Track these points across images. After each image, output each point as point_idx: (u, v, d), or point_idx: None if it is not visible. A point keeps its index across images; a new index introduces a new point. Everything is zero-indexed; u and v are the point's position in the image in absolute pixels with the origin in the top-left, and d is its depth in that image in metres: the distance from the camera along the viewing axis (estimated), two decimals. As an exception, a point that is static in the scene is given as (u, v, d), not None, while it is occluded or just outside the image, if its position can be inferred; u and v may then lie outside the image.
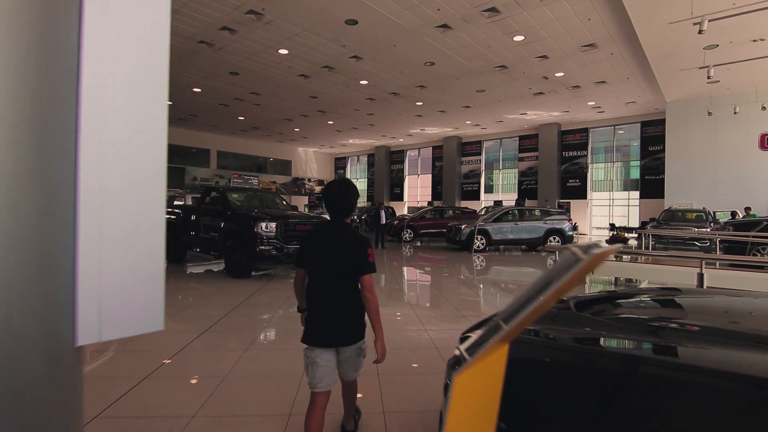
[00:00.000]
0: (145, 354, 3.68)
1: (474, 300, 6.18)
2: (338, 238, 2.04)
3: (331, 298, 2.02)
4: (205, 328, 4.47)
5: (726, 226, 8.47)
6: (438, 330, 4.55)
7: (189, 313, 4.99)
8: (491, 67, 14.22)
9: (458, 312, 5.35)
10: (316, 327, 2.03)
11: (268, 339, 4.21)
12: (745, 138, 15.93)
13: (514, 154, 25.95)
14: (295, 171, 33.12)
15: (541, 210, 13.05)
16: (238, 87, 17.02)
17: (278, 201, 8.37)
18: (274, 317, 5.07)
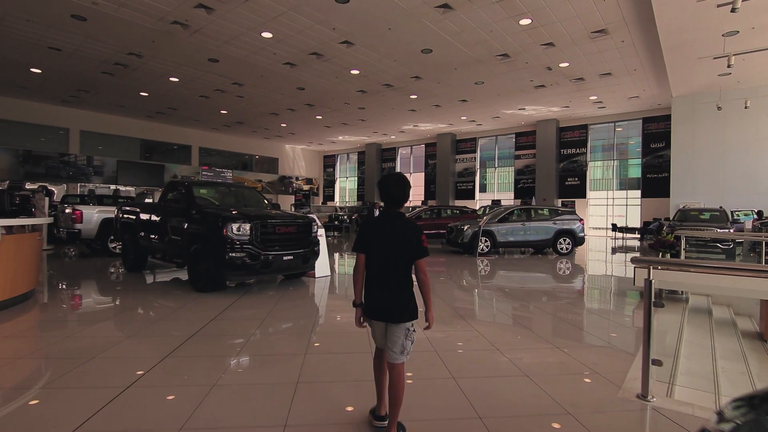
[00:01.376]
0: (71, 403, 2.52)
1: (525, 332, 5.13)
2: (397, 225, 2.28)
3: (388, 280, 2.25)
4: (139, 373, 3.31)
5: (764, 227, 7.61)
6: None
7: (126, 346, 3.82)
8: (492, 56, 13.21)
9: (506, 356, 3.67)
10: (371, 303, 2.30)
11: (235, 381, 3.08)
12: (756, 134, 15.20)
13: (510, 152, 25.07)
14: (282, 169, 31.81)
15: (550, 209, 12.03)
16: (218, 76, 15.75)
17: (258, 199, 7.19)
18: (248, 343, 3.93)
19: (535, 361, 3.49)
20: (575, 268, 9.73)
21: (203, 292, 5.71)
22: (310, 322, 4.67)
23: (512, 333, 4.38)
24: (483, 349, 3.77)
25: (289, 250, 5.75)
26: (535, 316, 5.13)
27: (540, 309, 5.44)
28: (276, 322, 4.58)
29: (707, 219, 11.93)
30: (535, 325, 4.74)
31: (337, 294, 6.31)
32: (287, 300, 5.61)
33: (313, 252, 6.24)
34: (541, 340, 4.11)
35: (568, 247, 11.42)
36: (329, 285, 6.76)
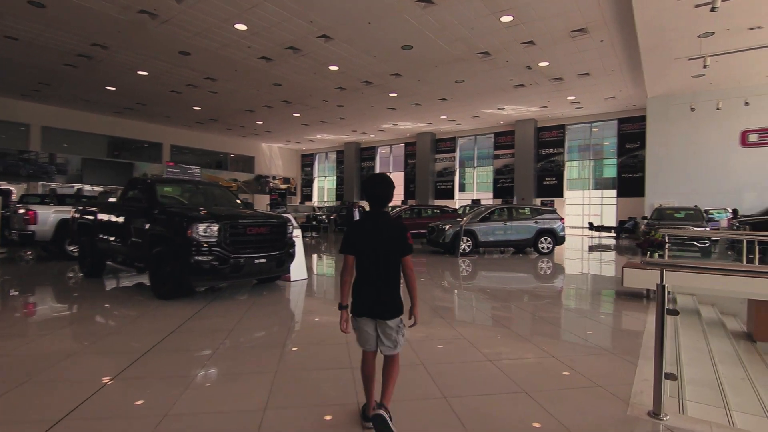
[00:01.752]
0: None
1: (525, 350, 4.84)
2: (382, 225, 2.35)
3: (377, 278, 2.31)
4: (91, 391, 2.89)
5: (742, 225, 7.66)
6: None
7: (65, 366, 3.37)
8: (473, 54, 13.05)
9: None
10: (363, 300, 2.34)
11: (191, 409, 2.69)
12: (727, 135, 15.58)
13: (489, 152, 25.11)
14: (259, 168, 31.03)
15: (531, 208, 11.92)
16: (190, 70, 15.07)
17: (229, 197, 6.72)
18: (211, 359, 3.53)
19: (530, 371, 3.21)
20: (559, 268, 9.63)
21: (166, 299, 5.23)
22: (283, 332, 4.25)
23: (503, 340, 4.10)
24: (474, 360, 3.47)
25: (261, 252, 5.32)
26: (525, 320, 4.88)
27: (530, 313, 5.20)
28: (245, 333, 4.14)
29: (683, 217, 12.09)
30: (527, 330, 4.46)
31: (314, 299, 5.92)
32: (259, 307, 5.19)
33: (289, 254, 5.86)
34: (535, 347, 3.84)
35: (549, 246, 11.35)
36: (306, 289, 6.36)
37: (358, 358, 2.52)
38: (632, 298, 5.85)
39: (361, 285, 2.33)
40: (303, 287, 6.42)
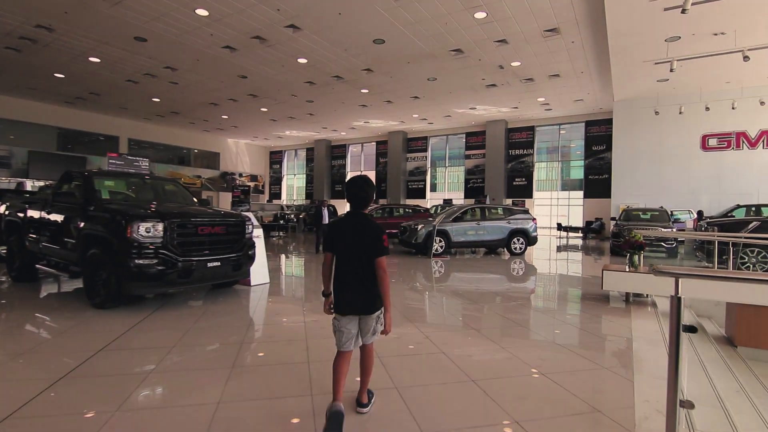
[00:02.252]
0: None
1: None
2: (361, 225, 2.45)
3: (356, 276, 2.41)
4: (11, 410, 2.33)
5: (710, 227, 7.73)
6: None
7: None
8: (446, 51, 12.81)
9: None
10: (344, 299, 2.44)
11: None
12: (689, 139, 16.06)
13: (460, 152, 25.10)
14: (224, 165, 29.84)
15: (504, 208, 11.78)
16: (147, 58, 14.09)
17: (183, 194, 6.09)
18: (139, 387, 2.99)
19: (518, 393, 2.84)
20: (533, 269, 9.48)
21: (103, 309, 4.60)
22: (234, 349, 3.68)
23: (485, 353, 3.76)
24: (455, 381, 3.05)
25: (215, 254, 4.76)
26: (505, 328, 4.52)
27: (510, 320, 4.87)
28: (187, 351, 3.59)
29: (649, 218, 12.28)
30: (508, 342, 4.04)
31: (275, 305, 5.40)
32: (211, 317, 4.63)
33: (248, 256, 5.33)
34: (521, 363, 3.44)
35: (521, 246, 11.24)
36: (267, 295, 5.85)
37: (321, 381, 2.08)
38: (606, 300, 5.69)
39: (342, 283, 2.43)
40: (264, 293, 5.89)
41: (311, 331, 4.17)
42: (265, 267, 6.42)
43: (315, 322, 4.50)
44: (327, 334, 4.35)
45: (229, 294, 5.66)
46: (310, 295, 5.91)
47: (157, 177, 6.77)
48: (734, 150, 15.36)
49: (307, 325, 4.40)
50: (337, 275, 2.45)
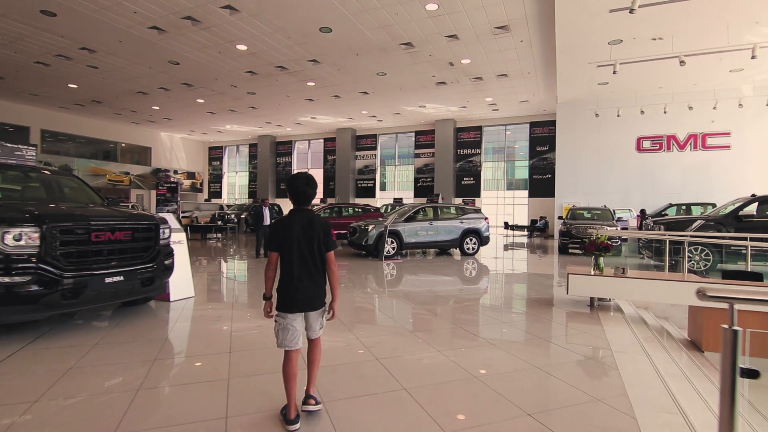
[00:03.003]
0: None
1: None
2: (308, 221, 2.45)
3: (308, 272, 2.42)
4: None
5: (657, 225, 7.85)
6: None
7: None
8: (396, 44, 12.32)
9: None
10: (291, 296, 2.40)
11: None
12: (625, 140, 16.82)
13: (409, 151, 24.87)
14: (157, 160, 27.48)
15: (457, 207, 11.46)
16: (58, 37, 12.31)
17: (86, 192, 5.00)
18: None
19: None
20: (490, 271, 9.17)
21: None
22: (127, 396, 2.71)
23: (449, 374, 3.21)
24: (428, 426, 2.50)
25: (116, 267, 3.83)
26: (470, 344, 4.01)
27: (474, 333, 4.38)
28: (62, 401, 2.63)
29: (594, 217, 12.58)
30: (475, 360, 3.46)
31: (199, 327, 4.38)
32: (108, 346, 3.61)
33: (162, 268, 4.40)
34: (497, 396, 2.78)
35: (474, 247, 11.00)
36: (191, 312, 4.89)
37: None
38: (568, 305, 5.42)
39: (289, 281, 2.40)
40: (187, 309, 4.94)
41: (238, 344, 3.43)
42: (189, 277, 5.47)
43: (240, 335, 3.76)
44: (253, 346, 3.65)
45: (141, 311, 4.67)
46: (242, 308, 5.08)
47: (49, 170, 5.56)
48: (665, 152, 16.29)
49: (234, 340, 3.63)
50: (285, 274, 2.41)
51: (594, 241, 4.57)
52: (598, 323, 4.48)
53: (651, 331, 4.22)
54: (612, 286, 4.42)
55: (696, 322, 4.24)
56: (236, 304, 5.27)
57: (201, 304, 5.22)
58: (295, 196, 2.48)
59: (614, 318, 4.75)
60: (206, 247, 13.39)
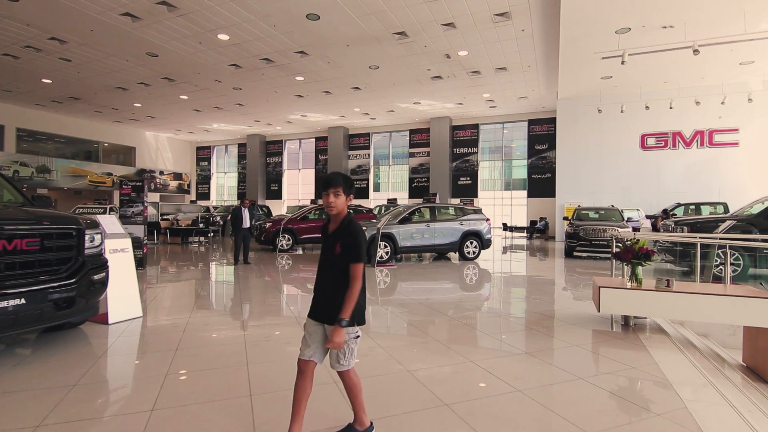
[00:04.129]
0: None
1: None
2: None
3: (327, 280, 2.14)
4: None
5: (678, 226, 7.10)
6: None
7: None
8: (389, 33, 11.51)
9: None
10: (314, 302, 2.17)
11: None
12: (629, 137, 16.12)
13: (404, 150, 24.06)
14: (141, 161, 26.43)
15: (456, 207, 10.60)
16: (24, 26, 11.38)
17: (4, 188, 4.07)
18: None
19: None
20: (495, 278, 8.34)
21: None
22: None
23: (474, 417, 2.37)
24: None
25: (12, 287, 2.90)
26: (497, 370, 3.22)
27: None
28: None
29: (601, 217, 11.81)
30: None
31: (141, 360, 3.38)
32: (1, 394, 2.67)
33: (88, 285, 3.45)
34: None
35: (475, 250, 10.15)
36: (131, 338, 3.88)
37: None
38: (600, 323, 4.62)
39: (317, 285, 2.22)
40: (127, 335, 3.95)
41: (175, 395, 2.57)
42: (136, 294, 4.50)
43: (187, 381, 2.89)
44: (199, 396, 2.75)
45: (69, 337, 3.70)
46: (198, 333, 4.17)
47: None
48: (671, 149, 15.61)
49: (170, 389, 2.77)
50: (317, 278, 2.24)
51: (630, 247, 3.75)
52: (642, 349, 3.62)
53: (706, 358, 3.41)
54: (655, 302, 3.58)
55: (756, 346, 3.43)
56: (193, 328, 4.28)
57: (148, 328, 4.25)
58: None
59: (658, 341, 3.86)
60: (185, 252, 12.46)
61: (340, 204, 2.08)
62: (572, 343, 3.83)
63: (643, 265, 3.82)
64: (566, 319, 4.77)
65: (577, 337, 4.05)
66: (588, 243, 10.17)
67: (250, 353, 3.50)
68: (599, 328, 4.36)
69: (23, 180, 20.44)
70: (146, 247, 8.16)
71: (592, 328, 4.37)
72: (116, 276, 3.87)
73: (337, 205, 2.07)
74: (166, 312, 4.97)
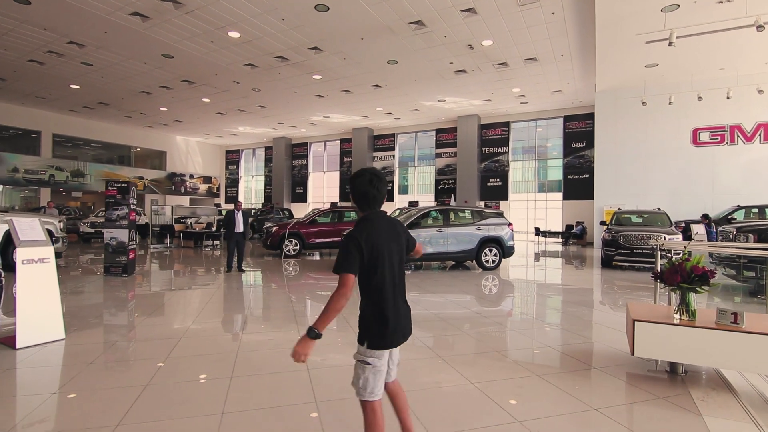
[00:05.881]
0: None
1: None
2: (392, 225, 1.97)
3: (398, 291, 1.92)
4: None
5: (741, 233, 5.82)
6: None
7: None
8: (404, 23, 10.69)
9: None
10: (393, 327, 1.86)
11: None
12: (678, 133, 14.44)
13: (430, 151, 23.08)
14: (172, 165, 26.91)
15: (473, 210, 9.46)
16: (41, 30, 11.47)
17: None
18: None
19: None
20: (513, 294, 7.32)
21: None
22: None
23: None
24: None
25: None
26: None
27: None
28: None
29: (645, 222, 10.42)
30: None
31: (29, 402, 2.67)
32: None
33: None
34: None
35: (495, 259, 9.06)
36: (43, 369, 3.21)
37: None
38: (637, 365, 3.59)
39: (387, 304, 1.85)
40: (35, 364, 3.27)
41: None
42: (57, 312, 3.80)
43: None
44: None
45: None
46: (125, 358, 3.52)
47: None
48: (728, 145, 13.81)
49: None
50: (381, 298, 1.84)
51: (680, 266, 2.69)
52: (693, 414, 2.55)
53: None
54: (716, 347, 2.50)
55: None
56: (134, 357, 3.63)
57: (70, 352, 3.54)
58: (370, 198, 1.94)
59: (720, 402, 2.72)
60: (192, 256, 12.09)
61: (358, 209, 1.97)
62: (591, 405, 2.72)
63: (698, 292, 2.76)
64: (591, 358, 3.68)
65: (602, 393, 2.93)
66: (629, 252, 8.85)
67: (164, 399, 2.77)
68: (636, 372, 3.24)
69: (58, 184, 21.16)
70: (133, 253, 7.75)
71: (626, 372, 3.25)
72: (30, 291, 3.30)
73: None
74: (107, 331, 4.38)
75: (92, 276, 7.81)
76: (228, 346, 3.97)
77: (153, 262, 10.73)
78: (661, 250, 4.62)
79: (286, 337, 4.32)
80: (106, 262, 7.51)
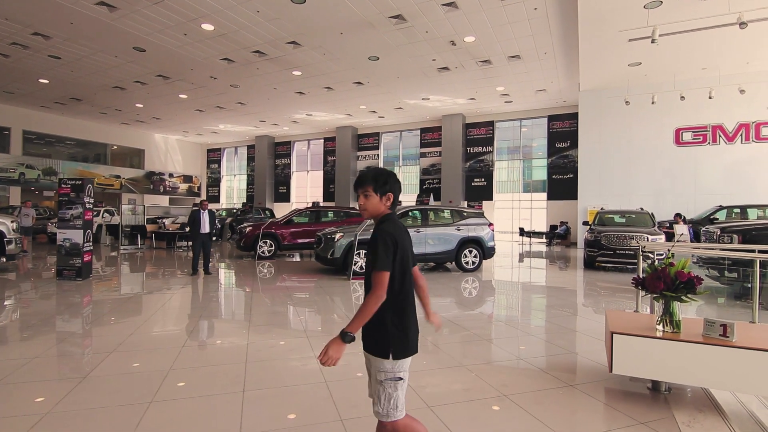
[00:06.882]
0: None
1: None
2: (404, 228, 1.85)
3: (412, 294, 1.83)
4: None
5: (725, 234, 5.63)
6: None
7: None
8: (384, 17, 10.37)
9: None
10: (415, 334, 1.77)
11: None
12: (661, 133, 14.39)
13: (415, 151, 22.81)
14: (151, 163, 26.16)
15: (452, 210, 9.16)
16: (2, 20, 10.84)
17: None
18: None
19: None
20: (490, 298, 7.06)
21: None
22: None
23: None
24: None
25: None
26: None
27: None
28: None
29: (628, 222, 10.27)
30: None
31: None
32: None
33: None
34: None
35: (475, 260, 8.79)
36: None
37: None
38: (620, 382, 3.30)
39: (410, 308, 1.76)
40: None
41: None
42: None
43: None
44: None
45: None
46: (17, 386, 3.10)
47: None
48: (710, 145, 13.79)
49: None
50: (406, 301, 1.73)
51: (662, 271, 2.38)
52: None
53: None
54: (703, 363, 2.20)
55: None
56: (49, 377, 3.22)
57: None
58: (397, 194, 1.82)
59: (706, 426, 2.40)
60: (163, 258, 11.57)
61: (372, 206, 1.77)
62: (561, 428, 2.40)
63: (683, 301, 2.47)
64: (567, 374, 3.33)
65: (576, 419, 2.59)
66: (611, 252, 8.66)
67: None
68: (616, 388, 2.95)
69: (29, 182, 20.34)
70: (89, 255, 7.25)
71: (604, 389, 2.94)
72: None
73: (368, 207, 1.78)
74: (31, 344, 3.97)
75: (43, 280, 7.30)
76: (160, 363, 3.58)
77: (118, 265, 10.20)
78: (642, 252, 4.36)
79: (236, 350, 3.94)
80: (59, 265, 7.00)
